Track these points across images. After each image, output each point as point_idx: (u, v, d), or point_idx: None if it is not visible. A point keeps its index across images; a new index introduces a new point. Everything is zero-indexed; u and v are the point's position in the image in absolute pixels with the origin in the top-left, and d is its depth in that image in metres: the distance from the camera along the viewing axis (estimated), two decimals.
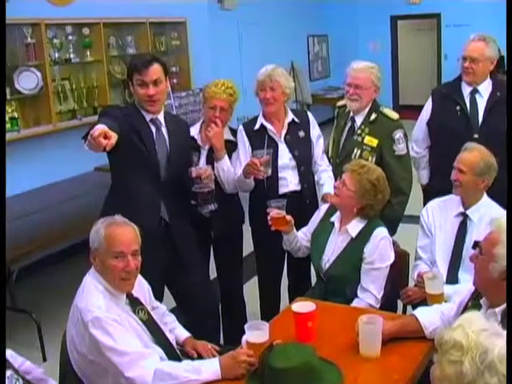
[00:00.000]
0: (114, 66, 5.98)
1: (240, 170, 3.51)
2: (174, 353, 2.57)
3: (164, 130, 3.22)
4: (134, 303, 2.51)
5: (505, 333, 1.59)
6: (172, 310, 3.04)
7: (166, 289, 3.43)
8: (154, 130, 3.18)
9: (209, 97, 3.56)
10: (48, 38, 5.26)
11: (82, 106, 5.60)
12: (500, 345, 1.52)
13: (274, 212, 3.18)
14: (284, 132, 3.60)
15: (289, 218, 3.20)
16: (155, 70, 3.09)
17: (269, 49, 9.86)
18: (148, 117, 3.17)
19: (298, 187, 3.62)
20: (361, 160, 3.43)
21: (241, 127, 3.69)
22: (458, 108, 3.86)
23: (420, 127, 4.12)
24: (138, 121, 3.15)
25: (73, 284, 2.63)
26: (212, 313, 3.52)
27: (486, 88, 3.87)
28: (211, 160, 3.59)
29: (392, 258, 3.07)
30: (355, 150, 3.67)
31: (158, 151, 3.16)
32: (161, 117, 3.22)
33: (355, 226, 3.09)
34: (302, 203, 3.60)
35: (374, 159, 3.59)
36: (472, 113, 3.84)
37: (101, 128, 2.62)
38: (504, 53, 10.57)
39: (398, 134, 3.65)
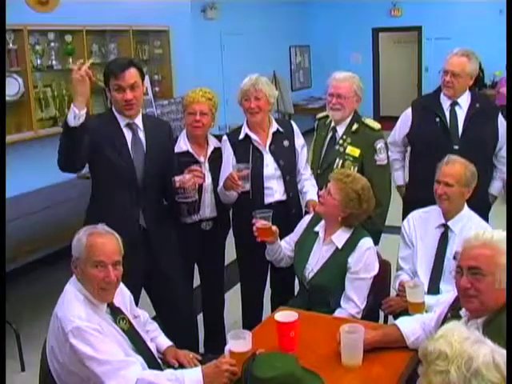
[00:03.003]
0: (96, 74, 5.94)
1: (222, 181, 3.53)
2: (155, 362, 2.55)
3: (141, 133, 3.21)
4: (115, 313, 2.49)
5: (486, 340, 1.61)
6: (154, 318, 3.02)
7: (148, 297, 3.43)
8: (130, 135, 3.18)
9: (187, 103, 3.59)
10: (30, 44, 5.22)
11: (63, 113, 5.54)
12: (484, 352, 1.54)
13: (260, 223, 3.16)
14: (269, 142, 3.61)
15: (274, 228, 3.20)
16: (132, 74, 3.09)
17: (251, 59, 9.92)
18: (124, 121, 3.17)
19: (283, 197, 3.63)
20: (346, 169, 3.45)
21: (225, 137, 3.69)
22: (437, 120, 3.90)
23: (395, 132, 4.20)
24: (111, 129, 3.15)
25: (53, 292, 2.60)
26: (189, 321, 3.52)
27: (465, 100, 3.92)
28: (212, 172, 3.61)
29: (377, 269, 3.09)
30: (337, 160, 3.68)
31: (134, 157, 3.16)
32: (138, 121, 3.22)
33: (341, 237, 3.11)
34: (288, 213, 3.61)
35: (355, 169, 3.60)
36: (452, 124, 3.88)
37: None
38: (484, 67, 10.76)
39: (380, 144, 3.68)
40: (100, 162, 3.14)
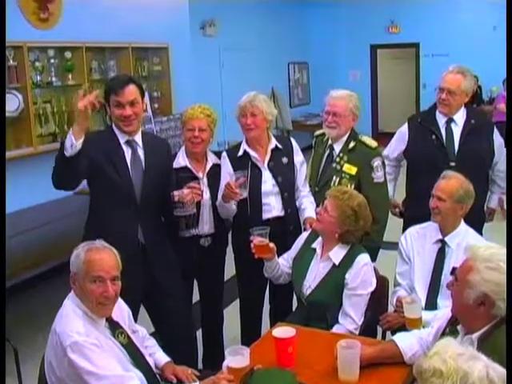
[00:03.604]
0: (95, 90, 5.97)
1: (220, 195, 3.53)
2: (154, 377, 2.56)
3: (140, 151, 3.23)
4: (114, 327, 2.50)
5: (481, 355, 1.61)
6: (152, 334, 3.02)
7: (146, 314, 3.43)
8: (129, 152, 3.20)
9: (186, 119, 3.61)
10: (30, 60, 5.25)
11: (63, 130, 5.57)
12: (478, 367, 1.55)
13: (257, 239, 3.17)
14: (267, 158, 3.63)
15: (272, 245, 3.20)
16: (131, 90, 3.12)
17: (249, 75, 9.97)
18: (124, 138, 3.19)
19: (281, 213, 3.63)
20: (343, 186, 3.46)
21: (224, 154, 3.72)
22: (433, 137, 3.92)
23: (390, 148, 4.22)
24: (111, 146, 3.17)
25: (51, 308, 2.61)
26: (188, 337, 3.51)
27: (460, 117, 3.94)
28: (211, 188, 3.62)
29: (374, 285, 3.10)
30: (334, 178, 3.68)
31: (132, 174, 3.18)
32: (138, 138, 3.24)
33: (338, 253, 3.12)
34: (286, 229, 3.61)
35: (352, 187, 3.60)
36: (448, 141, 3.90)
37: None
38: (483, 82, 10.86)
39: (377, 162, 3.68)
40: (99, 179, 3.16)
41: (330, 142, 3.80)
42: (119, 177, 3.14)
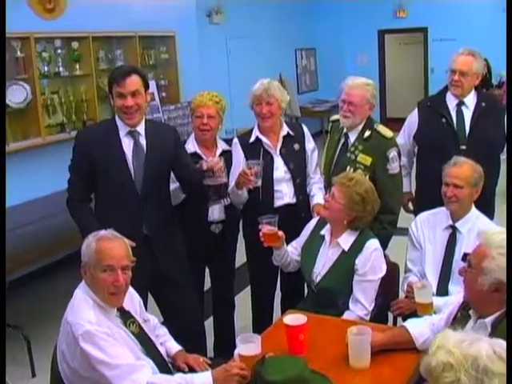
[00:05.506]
0: (102, 80, 5.95)
1: (233, 182, 3.52)
2: (166, 366, 2.57)
3: (143, 140, 3.19)
4: (125, 316, 2.50)
5: (481, 336, 1.61)
6: (163, 324, 3.03)
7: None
8: (131, 143, 3.16)
9: (195, 106, 3.61)
10: (37, 51, 5.25)
11: (70, 120, 5.58)
12: (484, 348, 1.54)
13: (267, 228, 3.15)
14: (279, 145, 3.62)
15: (280, 233, 3.18)
16: (133, 81, 3.08)
17: (256, 62, 9.95)
18: (125, 129, 3.16)
19: (293, 200, 3.63)
20: (349, 172, 3.42)
21: (236, 140, 3.70)
22: (443, 120, 3.88)
23: (404, 133, 4.15)
24: (109, 142, 3.14)
25: (62, 298, 2.61)
26: (196, 327, 3.50)
27: (471, 100, 3.90)
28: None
29: (384, 270, 3.09)
30: (348, 168, 3.58)
31: (133, 165, 3.14)
32: (140, 128, 3.19)
33: (347, 239, 3.11)
34: (297, 216, 3.60)
35: (367, 177, 3.53)
36: (458, 124, 3.86)
37: None
38: (492, 66, 10.74)
39: (393, 153, 3.58)
40: (99, 176, 3.15)
41: (345, 130, 3.71)
42: (118, 172, 3.12)
